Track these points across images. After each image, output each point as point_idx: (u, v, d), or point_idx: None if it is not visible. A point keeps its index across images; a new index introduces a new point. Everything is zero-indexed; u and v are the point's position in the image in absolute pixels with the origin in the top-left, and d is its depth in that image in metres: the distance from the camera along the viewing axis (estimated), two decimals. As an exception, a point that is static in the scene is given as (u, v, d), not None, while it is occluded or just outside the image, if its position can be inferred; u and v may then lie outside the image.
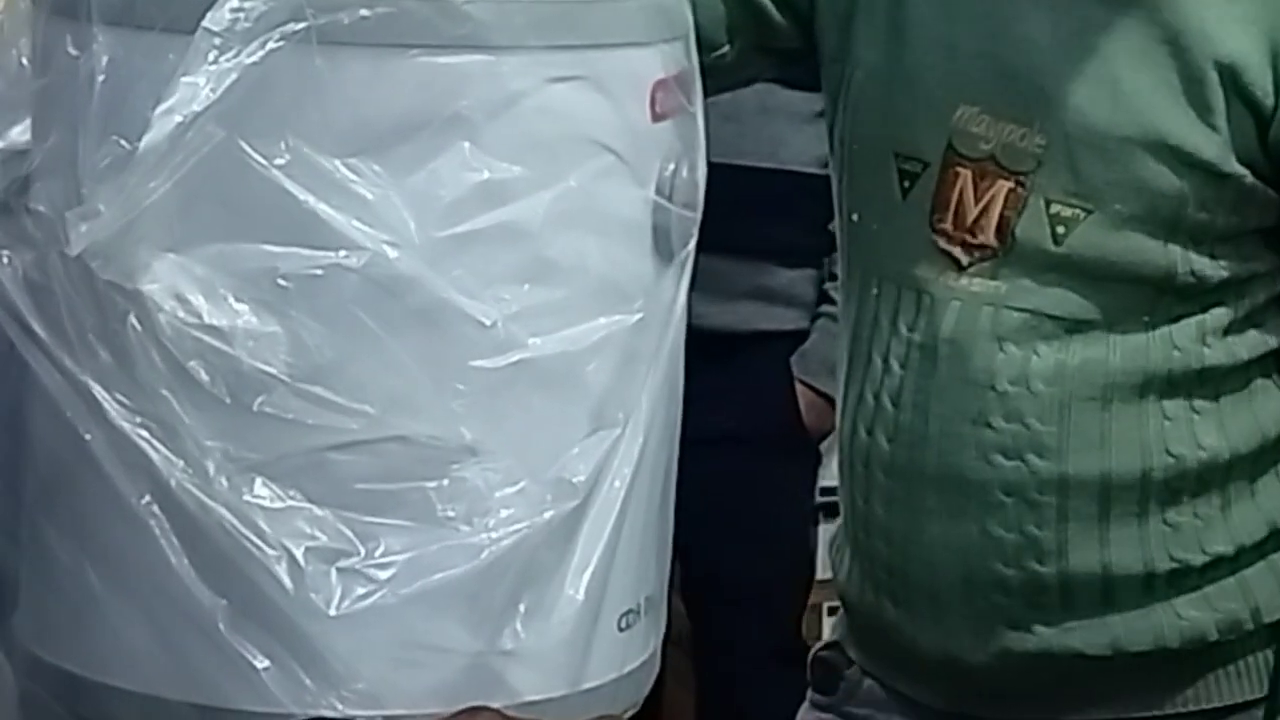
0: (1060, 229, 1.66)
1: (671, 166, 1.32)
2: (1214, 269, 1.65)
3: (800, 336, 2.59)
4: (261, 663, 1.22)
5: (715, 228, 1.40)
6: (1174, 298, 1.66)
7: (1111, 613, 1.73)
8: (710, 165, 1.37)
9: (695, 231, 1.36)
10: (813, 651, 1.88)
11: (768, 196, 2.33)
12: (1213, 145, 1.62)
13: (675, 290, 1.35)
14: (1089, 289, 1.66)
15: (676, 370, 1.36)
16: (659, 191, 1.31)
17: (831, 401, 2.52)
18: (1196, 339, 1.67)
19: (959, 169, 1.68)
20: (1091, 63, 1.64)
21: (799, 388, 2.60)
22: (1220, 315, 1.70)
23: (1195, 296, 1.66)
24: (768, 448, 2.47)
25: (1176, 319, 1.66)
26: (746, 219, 2.11)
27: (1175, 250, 1.64)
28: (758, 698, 2.11)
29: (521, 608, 1.26)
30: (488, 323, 1.24)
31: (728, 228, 1.48)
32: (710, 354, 1.47)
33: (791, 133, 2.11)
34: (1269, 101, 1.62)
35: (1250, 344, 1.72)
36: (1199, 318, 1.66)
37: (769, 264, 2.43)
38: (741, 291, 2.13)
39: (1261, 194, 1.66)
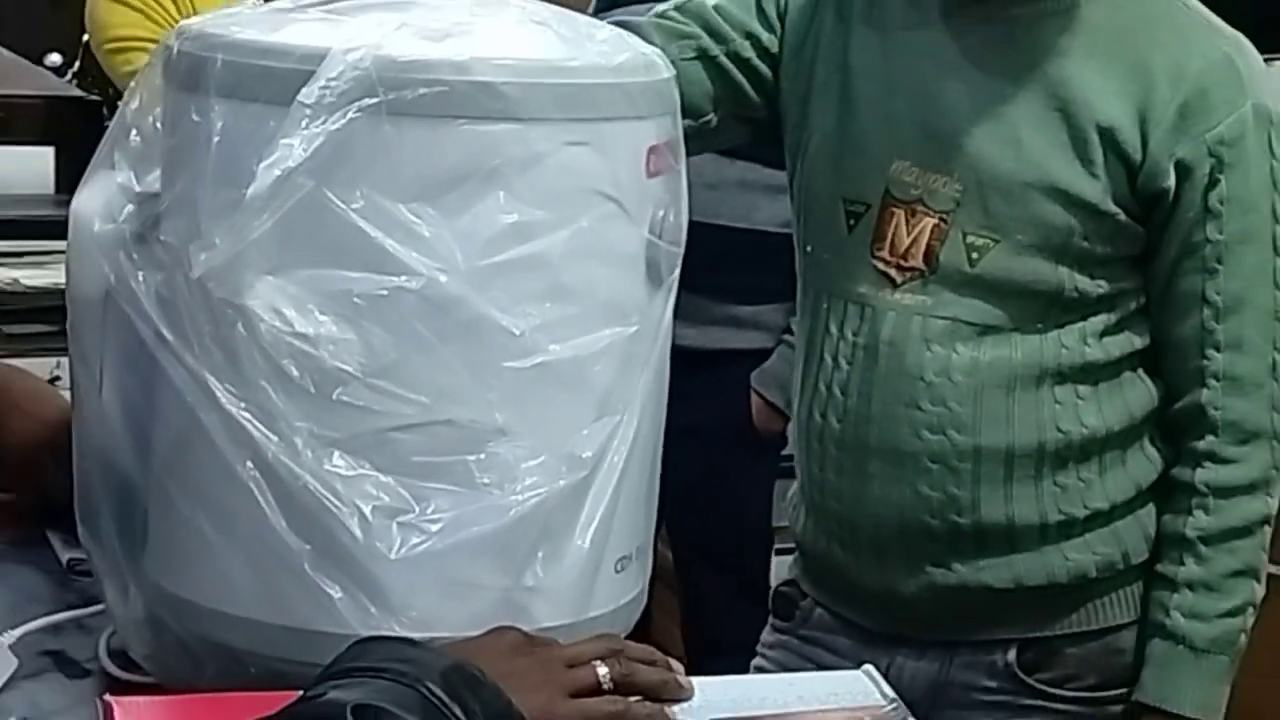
0: (974, 255, 1.68)
1: (661, 213, 1.33)
2: (1093, 286, 1.67)
3: (764, 354, 2.58)
4: (337, 594, 1.25)
5: (698, 273, 1.44)
6: (1062, 308, 1.68)
7: (1014, 554, 1.75)
8: (696, 224, 1.39)
9: (679, 262, 1.37)
10: (773, 588, 1.90)
11: (742, 251, 2.36)
12: (1094, 190, 1.65)
13: (663, 309, 1.36)
14: (997, 301, 1.68)
15: (663, 372, 1.38)
16: (652, 231, 1.33)
17: (777, 410, 2.50)
18: (1080, 340, 1.70)
19: (894, 209, 1.70)
20: (1000, 125, 1.66)
21: (753, 396, 2.60)
22: (1098, 322, 1.72)
23: (1079, 307, 1.68)
24: (731, 441, 2.50)
25: (1064, 325, 1.68)
26: (724, 267, 2.11)
27: (1064, 271, 1.66)
28: (729, 628, 2.13)
29: (540, 554, 1.28)
30: (516, 333, 1.26)
31: (709, 274, 1.50)
32: (689, 366, 1.51)
33: (765, 201, 2.11)
34: (1137, 157, 1.64)
35: (1122, 344, 1.75)
36: (1082, 324, 1.68)
37: (740, 302, 2.43)
38: (716, 320, 2.13)
39: (1131, 229, 1.69)
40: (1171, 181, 1.65)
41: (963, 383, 1.71)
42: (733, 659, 1.89)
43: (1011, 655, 1.77)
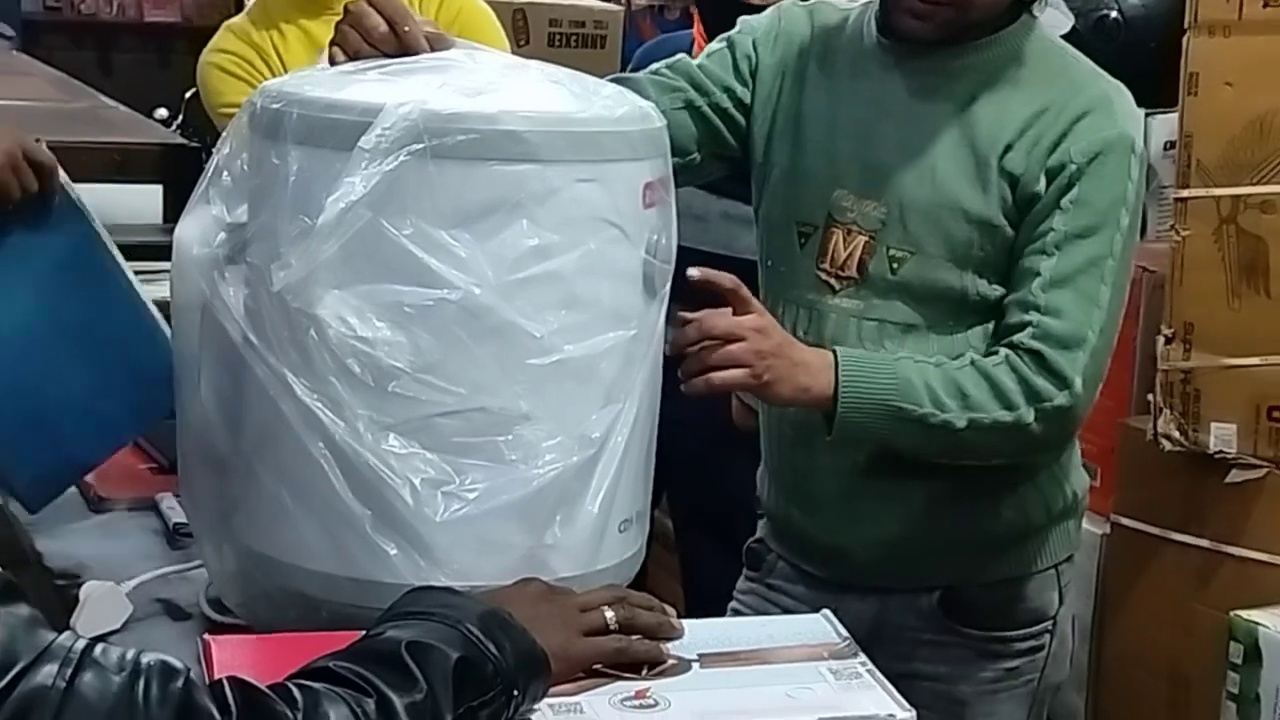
0: (895, 265, 1.64)
1: (656, 236, 1.33)
2: (991, 290, 1.63)
3: None
4: (392, 551, 1.25)
5: (687, 291, 1.43)
6: (969, 311, 1.64)
7: (937, 517, 1.70)
8: (684, 249, 1.38)
9: (670, 278, 1.35)
10: (745, 545, 1.87)
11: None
12: (989, 208, 1.61)
13: (658, 315, 1.35)
14: (915, 305, 1.64)
15: (658, 368, 1.37)
16: (648, 252, 1.32)
17: (751, 410, 2.43)
18: (983, 339, 1.64)
19: (834, 229, 1.67)
20: (920, 160, 1.64)
21: (733, 398, 2.49)
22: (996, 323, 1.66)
23: (982, 311, 1.64)
24: (715, 431, 2.44)
25: (971, 326, 1.63)
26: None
27: (968, 278, 1.63)
28: (712, 577, 2.12)
29: (558, 517, 1.28)
30: (537, 335, 1.26)
31: (693, 293, 1.51)
32: (674, 370, 1.50)
33: (743, 232, 2.06)
34: (1019, 173, 1.60)
35: None
36: (985, 325, 1.63)
37: None
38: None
39: (1012, 237, 1.63)
40: (1040, 187, 1.61)
41: None
42: (719, 605, 1.88)
43: (935, 600, 1.73)
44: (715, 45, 1.78)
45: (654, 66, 1.77)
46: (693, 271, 1.47)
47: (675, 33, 3.42)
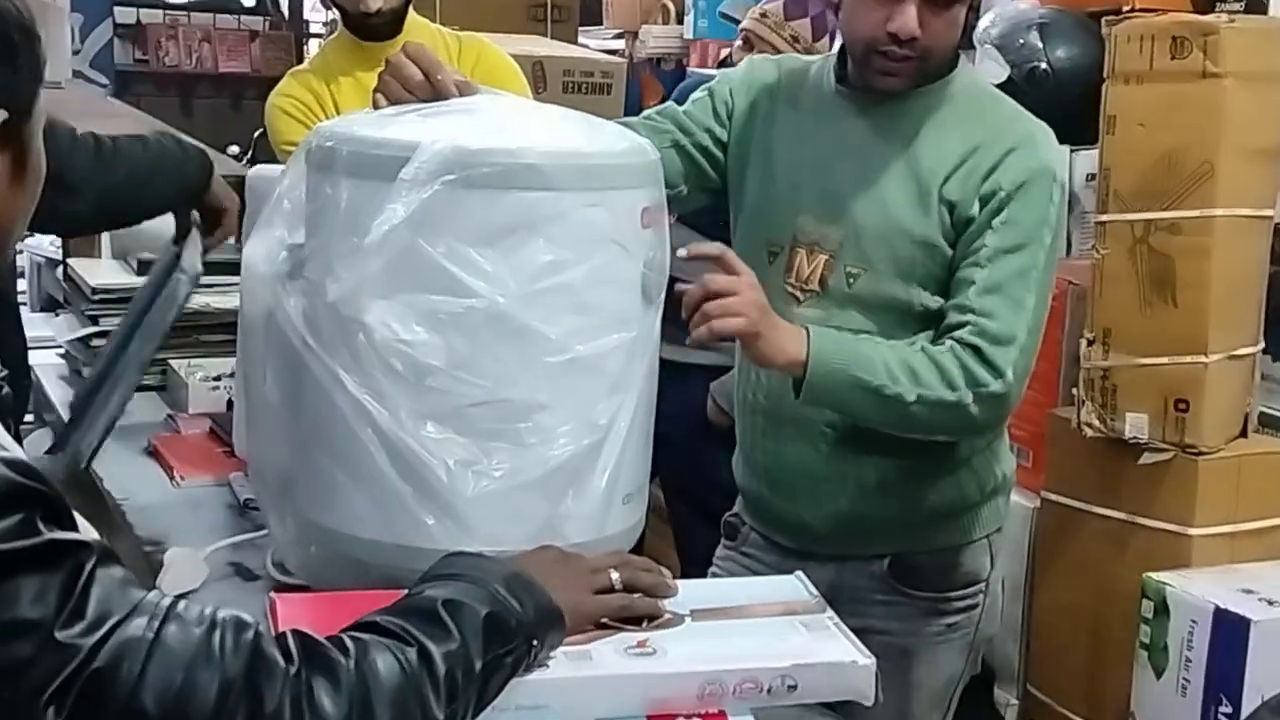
0: (851, 280, 1.63)
1: (652, 253, 1.33)
2: (933, 302, 1.61)
3: (717, 368, 2.51)
4: (431, 521, 1.25)
5: (676, 312, 1.42)
6: (915, 319, 1.62)
7: (886, 496, 1.69)
8: (674, 279, 1.38)
9: (664, 288, 1.35)
10: (723, 518, 1.86)
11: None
12: (931, 231, 1.60)
13: (654, 320, 1.35)
14: (868, 314, 1.63)
15: (654, 365, 1.37)
16: (645, 266, 1.32)
17: (723, 410, 2.46)
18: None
19: (798, 249, 1.66)
20: (873, 190, 1.63)
21: (709, 399, 2.55)
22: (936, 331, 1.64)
23: (926, 320, 1.62)
24: (696, 425, 2.47)
25: (916, 332, 1.61)
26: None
27: (913, 290, 1.61)
28: (697, 545, 2.11)
29: (570, 492, 1.28)
30: (552, 337, 1.25)
31: (685, 321, 1.50)
32: (667, 373, 1.48)
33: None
34: (956, 198, 1.59)
35: None
36: (929, 333, 1.61)
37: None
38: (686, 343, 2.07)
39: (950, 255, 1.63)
40: (975, 211, 1.60)
41: None
42: (702, 569, 1.87)
43: (885, 566, 1.73)
44: (698, 94, 1.77)
45: (647, 112, 1.78)
46: (681, 251, 1.45)
47: (700, 70, 3.55)
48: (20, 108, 0.96)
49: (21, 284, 3.67)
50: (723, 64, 1.78)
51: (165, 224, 1.90)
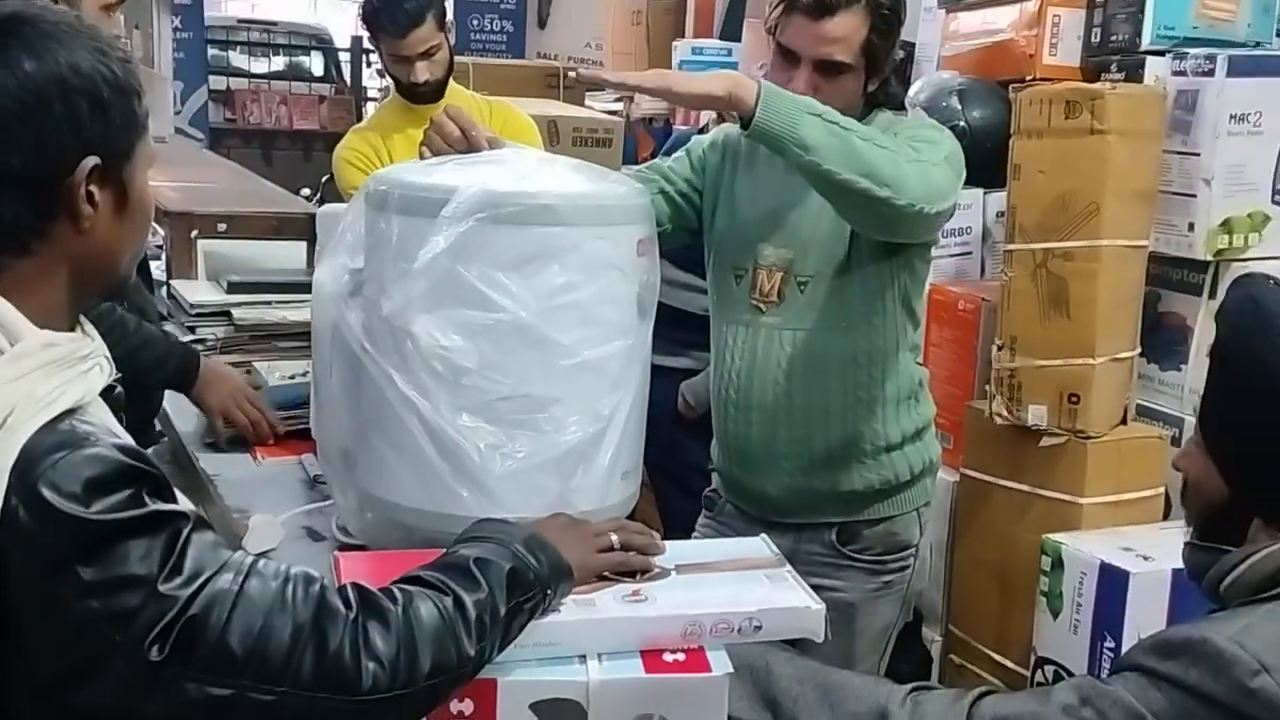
0: (803, 288, 1.64)
1: (646, 276, 1.32)
2: (866, 289, 1.62)
3: (688, 371, 2.49)
4: (465, 494, 1.24)
5: (661, 329, 1.40)
6: (854, 309, 1.63)
7: (836, 472, 1.70)
8: (661, 304, 1.36)
9: (655, 306, 1.34)
10: (703, 493, 1.86)
11: (686, 321, 2.22)
12: (857, 236, 1.59)
13: (647, 331, 1.34)
14: (818, 312, 1.64)
15: (647, 368, 1.36)
16: (640, 288, 1.31)
17: (691, 406, 2.45)
18: (868, 334, 1.64)
19: (759, 270, 1.66)
20: (810, 215, 1.63)
21: (680, 397, 2.52)
22: None
23: (865, 306, 1.62)
24: (672, 418, 2.45)
25: (857, 324, 1.62)
26: (674, 328, 1.88)
27: (854, 278, 1.62)
28: (682, 515, 2.09)
29: (579, 470, 1.27)
30: (566, 344, 1.25)
31: (666, 329, 1.48)
32: (663, 371, 1.47)
33: (699, 297, 1.96)
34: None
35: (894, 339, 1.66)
36: (870, 322, 1.61)
37: (681, 345, 2.31)
38: (667, 351, 1.99)
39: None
40: None
41: (802, 367, 1.66)
42: (680, 533, 1.86)
43: (834, 535, 1.72)
44: (678, 153, 1.78)
45: (638, 167, 1.79)
46: (583, 70, 1.37)
47: (684, 127, 3.55)
48: (115, 152, 0.92)
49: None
50: (702, 130, 1.79)
51: (254, 247, 1.88)
